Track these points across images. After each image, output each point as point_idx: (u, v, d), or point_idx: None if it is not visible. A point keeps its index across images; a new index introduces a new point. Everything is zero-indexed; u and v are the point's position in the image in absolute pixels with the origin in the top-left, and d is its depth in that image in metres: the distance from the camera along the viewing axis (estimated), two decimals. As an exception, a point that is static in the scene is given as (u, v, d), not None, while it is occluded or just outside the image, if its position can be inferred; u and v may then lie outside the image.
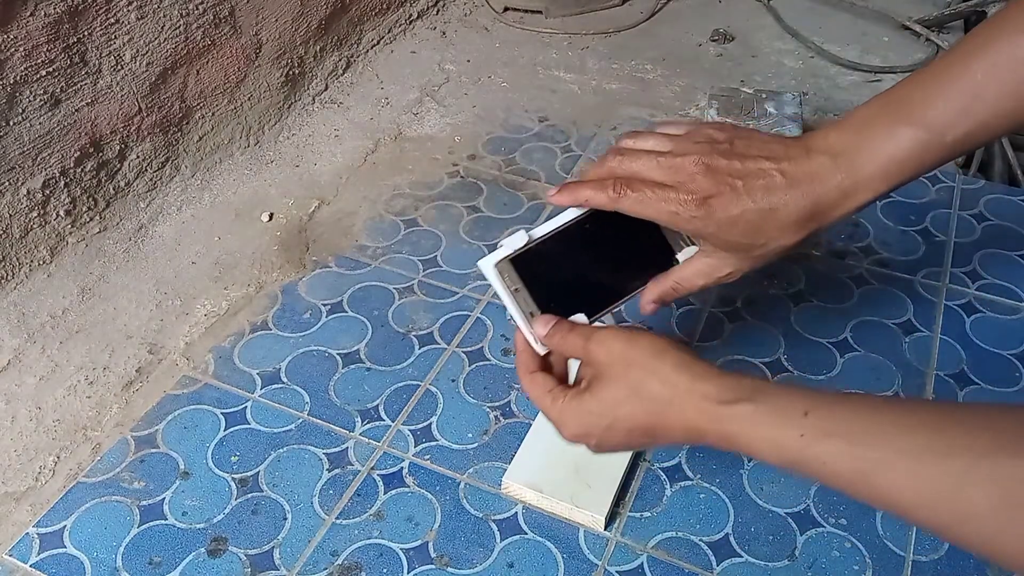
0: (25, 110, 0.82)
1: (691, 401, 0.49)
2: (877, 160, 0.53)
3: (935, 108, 0.52)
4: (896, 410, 0.44)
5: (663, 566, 0.63)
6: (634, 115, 1.13)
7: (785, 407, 0.46)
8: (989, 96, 0.51)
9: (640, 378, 0.51)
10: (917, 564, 0.63)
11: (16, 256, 0.86)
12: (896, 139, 0.53)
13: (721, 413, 0.48)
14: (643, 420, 0.51)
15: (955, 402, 0.46)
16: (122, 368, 0.79)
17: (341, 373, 0.78)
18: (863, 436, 0.43)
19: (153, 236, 0.94)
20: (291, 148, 1.08)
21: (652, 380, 0.50)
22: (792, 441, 0.45)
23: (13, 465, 0.71)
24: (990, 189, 0.99)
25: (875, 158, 0.53)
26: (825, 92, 1.17)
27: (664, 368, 0.50)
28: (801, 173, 0.54)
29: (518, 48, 1.29)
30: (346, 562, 0.64)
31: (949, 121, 0.52)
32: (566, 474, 0.67)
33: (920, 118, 0.53)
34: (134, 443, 0.72)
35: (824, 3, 1.38)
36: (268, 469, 0.70)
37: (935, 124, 0.52)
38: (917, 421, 0.42)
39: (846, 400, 0.46)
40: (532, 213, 0.96)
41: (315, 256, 0.91)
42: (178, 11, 0.93)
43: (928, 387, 0.76)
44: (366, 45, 1.24)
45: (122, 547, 0.64)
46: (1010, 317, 0.83)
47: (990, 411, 0.41)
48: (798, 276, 0.88)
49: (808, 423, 0.44)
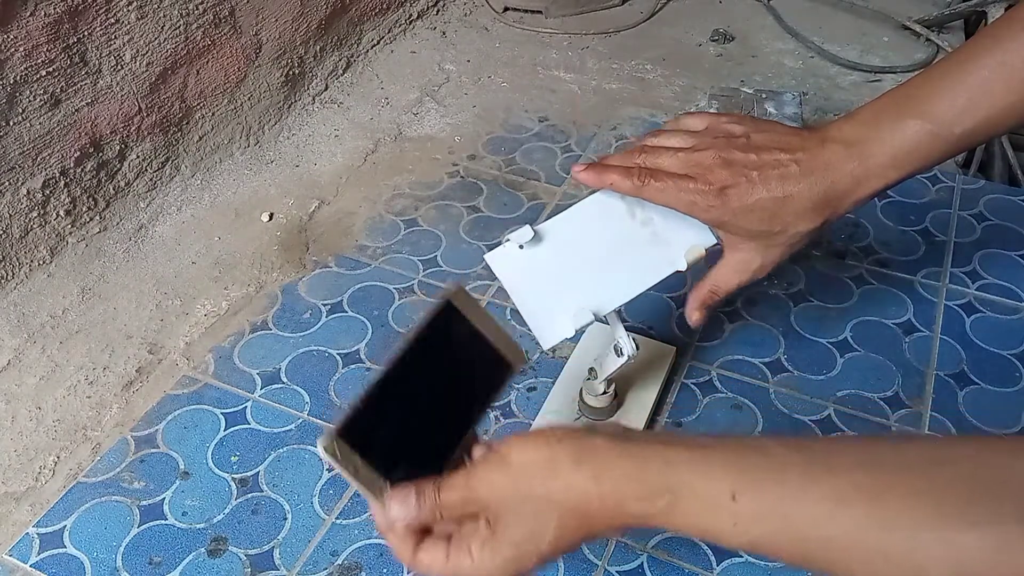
0: (25, 110, 0.82)
1: (608, 510, 0.43)
2: (887, 150, 0.55)
3: (943, 102, 0.55)
4: (827, 476, 0.39)
5: (663, 566, 0.63)
6: (634, 115, 1.13)
7: (710, 494, 0.41)
8: (997, 92, 0.54)
9: (542, 509, 0.44)
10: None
11: (16, 256, 0.86)
12: (905, 130, 0.55)
13: (645, 512, 0.42)
14: (572, 536, 0.44)
15: (881, 444, 0.42)
16: (122, 368, 0.79)
17: (341, 373, 0.78)
18: (798, 516, 0.39)
19: (153, 236, 0.94)
20: (291, 148, 1.08)
21: (554, 507, 0.43)
22: (726, 530, 0.41)
23: (13, 465, 0.71)
24: (990, 189, 0.99)
25: (885, 148, 0.56)
26: (825, 92, 1.17)
27: (559, 483, 0.43)
28: (816, 162, 0.56)
29: (518, 48, 1.29)
30: (346, 562, 0.64)
31: (956, 115, 0.55)
32: None
33: (928, 111, 0.55)
34: (134, 443, 0.72)
35: (824, 3, 1.38)
36: (268, 469, 0.70)
37: (943, 117, 0.55)
38: (852, 487, 0.38)
39: (771, 467, 0.41)
40: (532, 213, 0.96)
41: (315, 256, 0.91)
42: (178, 11, 0.93)
43: (928, 387, 0.76)
44: (366, 45, 1.24)
45: (122, 547, 0.64)
46: (1010, 317, 0.83)
47: (927, 468, 0.38)
48: (798, 276, 0.88)
49: (738, 509, 0.40)
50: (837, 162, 0.56)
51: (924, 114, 0.55)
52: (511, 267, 0.60)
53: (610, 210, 0.62)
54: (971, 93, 0.54)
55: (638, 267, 0.62)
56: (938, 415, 0.74)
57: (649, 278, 0.63)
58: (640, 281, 0.62)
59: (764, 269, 0.60)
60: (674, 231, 0.62)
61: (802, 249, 0.60)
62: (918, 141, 0.55)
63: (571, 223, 0.62)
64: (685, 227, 0.62)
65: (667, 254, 0.63)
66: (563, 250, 0.61)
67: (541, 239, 0.60)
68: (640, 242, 0.62)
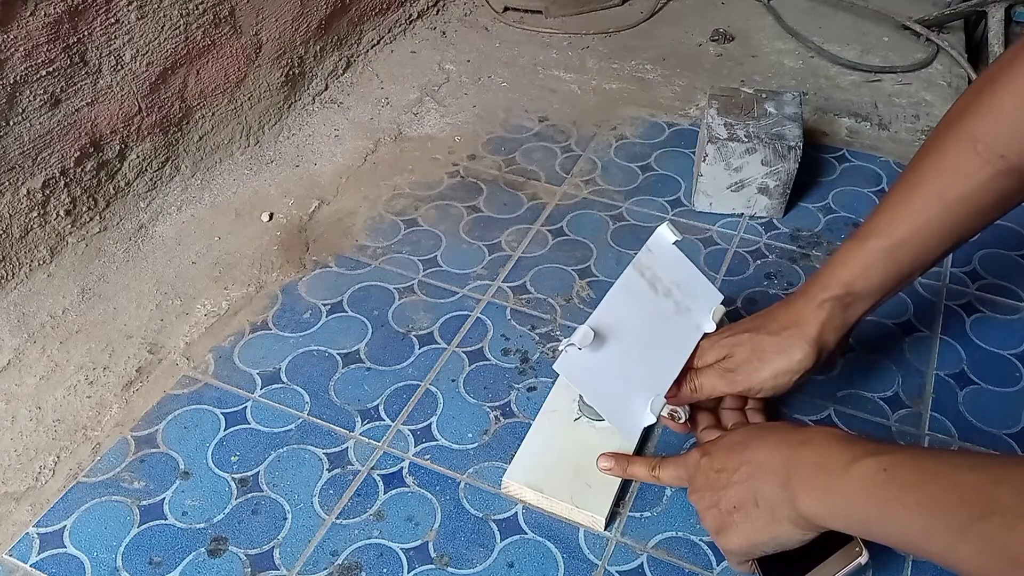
0: (25, 110, 0.82)
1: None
2: (842, 279, 0.64)
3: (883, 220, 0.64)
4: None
5: (663, 566, 0.63)
6: (634, 115, 1.13)
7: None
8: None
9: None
10: (917, 564, 0.63)
11: (16, 256, 0.86)
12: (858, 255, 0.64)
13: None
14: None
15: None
16: (122, 368, 0.79)
17: (341, 373, 0.78)
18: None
19: (153, 236, 0.94)
20: (291, 148, 1.08)
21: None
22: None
23: (13, 465, 0.71)
24: (990, 189, 0.98)
25: (840, 277, 0.64)
26: (825, 92, 1.18)
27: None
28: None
29: (518, 48, 1.29)
30: (346, 562, 0.64)
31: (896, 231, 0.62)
32: (566, 474, 0.67)
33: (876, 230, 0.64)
34: (134, 443, 0.72)
35: (824, 3, 1.38)
36: (268, 469, 0.70)
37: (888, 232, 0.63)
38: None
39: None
40: (532, 213, 0.96)
41: (315, 256, 0.91)
42: (178, 11, 0.93)
43: (928, 387, 0.76)
44: (366, 45, 1.24)
45: (122, 547, 0.64)
46: (1010, 317, 0.83)
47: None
48: (798, 276, 0.88)
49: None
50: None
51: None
52: (579, 369, 0.65)
53: (636, 289, 0.69)
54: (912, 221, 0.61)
55: (675, 341, 0.69)
56: (938, 415, 0.74)
57: (687, 348, 0.69)
58: (682, 354, 0.69)
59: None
60: (690, 296, 0.71)
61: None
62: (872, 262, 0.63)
63: (611, 311, 0.67)
64: (697, 288, 0.72)
65: (693, 320, 0.71)
66: (614, 341, 0.67)
67: (593, 334, 0.65)
68: (669, 313, 0.70)
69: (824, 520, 0.51)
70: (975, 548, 0.42)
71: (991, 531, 0.42)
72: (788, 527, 0.53)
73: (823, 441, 0.52)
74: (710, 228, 0.94)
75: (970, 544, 0.42)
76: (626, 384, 0.67)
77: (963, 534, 0.43)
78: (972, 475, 0.44)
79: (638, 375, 0.67)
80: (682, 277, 0.72)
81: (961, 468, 0.45)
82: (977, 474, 0.44)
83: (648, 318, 0.69)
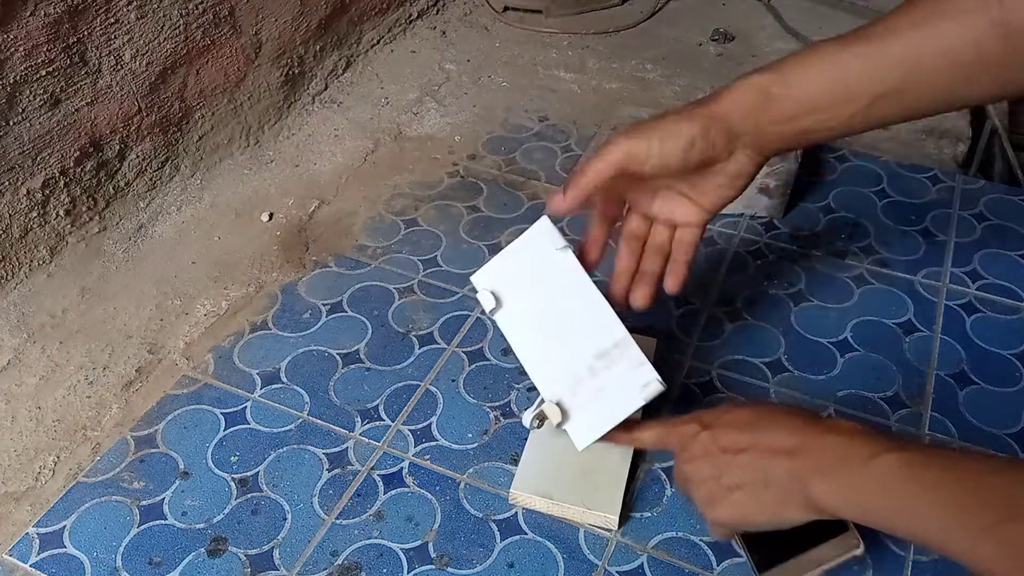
0: (25, 110, 0.82)
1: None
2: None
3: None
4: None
5: (663, 566, 0.63)
6: (634, 115, 1.13)
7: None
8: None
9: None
10: (917, 564, 0.63)
11: (16, 256, 0.86)
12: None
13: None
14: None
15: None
16: (122, 368, 0.79)
17: (341, 373, 0.78)
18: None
19: (153, 236, 0.94)
20: (291, 148, 1.08)
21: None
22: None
23: (13, 465, 0.71)
24: (990, 189, 0.99)
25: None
26: (825, 92, 1.17)
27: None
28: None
29: (518, 48, 1.29)
30: (346, 562, 0.64)
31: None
32: (574, 478, 0.67)
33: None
34: (134, 443, 0.72)
35: (824, 3, 1.38)
36: (268, 469, 0.70)
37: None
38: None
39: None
40: (532, 213, 0.96)
41: (315, 256, 0.91)
42: (178, 11, 0.93)
43: (928, 387, 0.76)
44: (366, 45, 1.24)
45: (122, 547, 0.64)
46: (1010, 317, 0.83)
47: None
48: (798, 276, 0.88)
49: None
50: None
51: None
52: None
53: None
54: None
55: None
56: (938, 415, 0.74)
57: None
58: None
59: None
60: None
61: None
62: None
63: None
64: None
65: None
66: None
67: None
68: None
69: (838, 510, 0.51)
70: (998, 549, 0.42)
71: (1016, 534, 0.42)
72: (795, 510, 0.53)
73: (845, 432, 0.52)
74: (710, 228, 0.94)
75: (993, 545, 0.43)
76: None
77: (986, 535, 0.43)
78: (997, 478, 0.44)
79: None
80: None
81: (985, 470, 0.45)
82: (1002, 477, 0.44)
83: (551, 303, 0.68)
